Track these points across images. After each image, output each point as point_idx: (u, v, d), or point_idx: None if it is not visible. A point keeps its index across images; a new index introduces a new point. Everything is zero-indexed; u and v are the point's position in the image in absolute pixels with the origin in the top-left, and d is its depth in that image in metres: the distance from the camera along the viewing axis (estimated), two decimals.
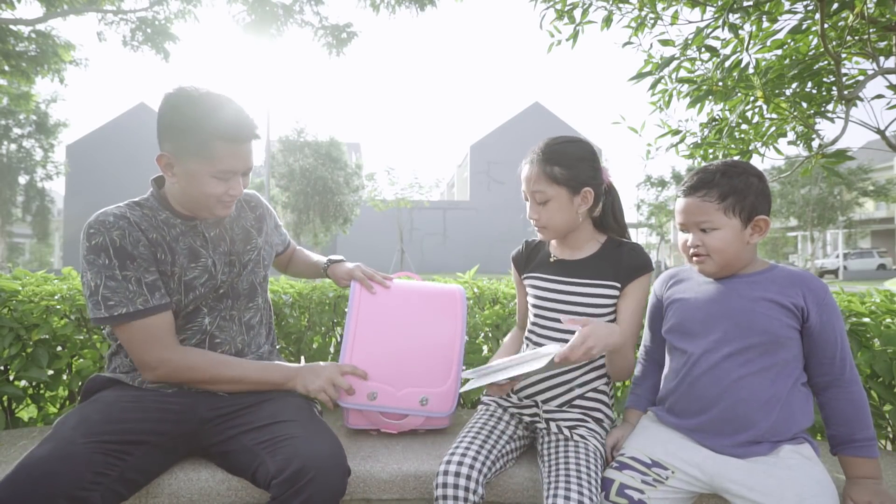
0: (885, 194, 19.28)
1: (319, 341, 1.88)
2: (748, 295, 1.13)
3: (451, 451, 1.17)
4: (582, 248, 1.32)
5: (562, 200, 1.24)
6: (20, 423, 1.72)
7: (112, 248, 1.14)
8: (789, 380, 1.10)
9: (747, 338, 1.11)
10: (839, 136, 2.02)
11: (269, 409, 1.22)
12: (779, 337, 1.09)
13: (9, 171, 19.88)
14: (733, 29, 1.99)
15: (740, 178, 1.12)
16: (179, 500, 1.18)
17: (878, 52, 1.93)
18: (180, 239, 1.24)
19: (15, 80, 7.52)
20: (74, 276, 1.86)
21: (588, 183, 1.25)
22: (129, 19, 7.43)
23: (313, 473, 1.02)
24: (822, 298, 1.09)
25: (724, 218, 1.12)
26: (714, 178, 1.13)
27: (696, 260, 1.16)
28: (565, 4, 2.32)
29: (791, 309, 1.09)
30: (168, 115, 1.15)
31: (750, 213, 1.12)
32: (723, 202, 1.11)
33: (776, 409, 1.09)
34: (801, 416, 1.11)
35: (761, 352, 1.10)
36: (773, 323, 1.09)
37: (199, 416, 1.21)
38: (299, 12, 7.47)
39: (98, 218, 1.17)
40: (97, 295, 1.14)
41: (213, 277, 1.27)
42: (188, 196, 1.21)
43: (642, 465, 1.12)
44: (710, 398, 1.13)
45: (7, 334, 1.59)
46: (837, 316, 1.10)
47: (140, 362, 1.18)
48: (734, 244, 1.12)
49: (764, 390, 1.09)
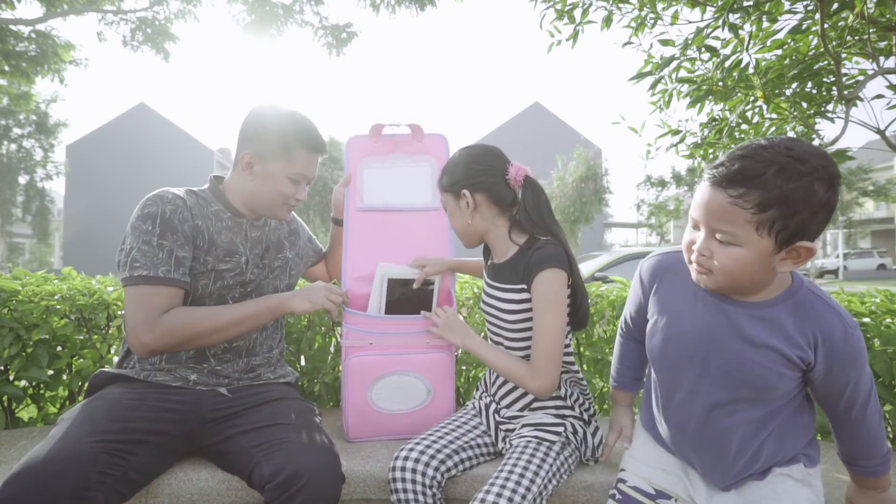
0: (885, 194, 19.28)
1: (319, 341, 1.88)
2: (751, 338, 0.91)
3: (407, 443, 1.22)
4: (504, 252, 1.29)
5: (451, 206, 1.29)
6: (20, 423, 1.72)
7: (160, 218, 1.19)
8: (787, 410, 0.98)
9: (738, 390, 0.95)
10: (839, 136, 2.01)
11: (268, 411, 1.23)
12: (776, 389, 0.94)
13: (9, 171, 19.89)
14: (733, 29, 1.99)
15: (801, 182, 0.77)
16: (179, 500, 1.18)
17: (878, 52, 1.93)
18: (223, 232, 1.29)
19: (15, 80, 7.53)
20: (74, 276, 1.86)
21: (464, 185, 1.24)
22: (129, 19, 7.43)
23: (306, 480, 1.02)
24: (837, 349, 0.89)
25: (754, 235, 0.81)
26: (764, 173, 0.78)
27: (696, 268, 0.91)
28: (565, 4, 2.32)
29: (796, 362, 0.91)
30: (258, 121, 1.29)
31: (791, 237, 0.80)
32: (760, 213, 0.79)
33: (768, 445, 0.98)
34: (798, 437, 1.01)
35: (752, 402, 0.96)
36: (772, 377, 0.92)
37: (201, 416, 1.22)
38: (299, 12, 7.47)
39: (158, 192, 1.23)
40: (129, 256, 1.16)
41: (242, 273, 1.31)
42: (260, 195, 1.30)
43: (647, 498, 1.08)
44: (692, 442, 1.04)
45: (7, 334, 1.59)
46: (855, 364, 0.90)
47: (138, 325, 1.14)
48: (751, 268, 0.84)
49: (754, 437, 0.98)
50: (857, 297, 1.70)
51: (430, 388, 1.41)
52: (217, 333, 1.20)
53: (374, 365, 1.38)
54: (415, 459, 1.16)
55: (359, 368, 1.38)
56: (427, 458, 1.17)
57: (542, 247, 1.18)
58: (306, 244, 1.57)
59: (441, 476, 1.17)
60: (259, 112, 1.30)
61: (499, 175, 1.25)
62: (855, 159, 2.33)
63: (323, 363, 1.82)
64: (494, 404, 1.32)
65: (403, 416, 1.42)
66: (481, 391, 1.40)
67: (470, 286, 1.93)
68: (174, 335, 1.15)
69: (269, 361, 1.38)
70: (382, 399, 1.40)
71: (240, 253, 1.31)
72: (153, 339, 1.14)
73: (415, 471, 1.15)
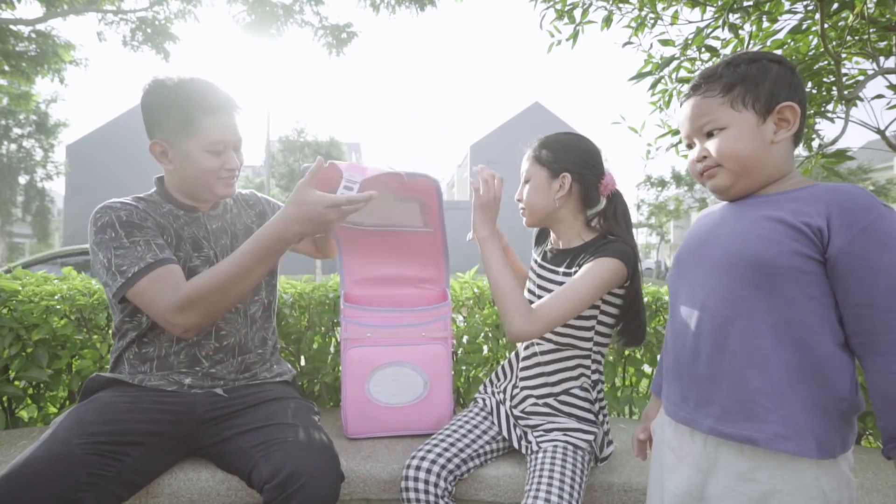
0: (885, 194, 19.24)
1: (319, 341, 1.88)
2: (752, 215, 0.84)
3: (420, 447, 1.21)
4: (570, 241, 1.30)
5: (541, 182, 1.27)
6: (20, 423, 1.72)
7: (118, 223, 1.16)
8: (809, 334, 0.77)
9: (735, 268, 0.82)
10: (839, 136, 2.01)
11: (266, 411, 1.22)
12: (778, 267, 0.78)
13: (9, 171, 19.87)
14: (733, 29, 1.99)
15: (753, 64, 0.86)
16: (179, 500, 1.18)
17: (878, 52, 1.93)
18: (185, 228, 1.26)
19: (15, 80, 7.51)
20: (74, 277, 1.86)
21: (569, 169, 1.25)
22: (129, 19, 7.43)
23: (304, 480, 1.01)
24: (857, 217, 0.74)
25: (732, 112, 0.85)
26: (717, 71, 0.88)
27: (706, 176, 0.90)
28: (565, 4, 2.32)
29: (801, 229, 0.77)
30: (149, 103, 1.19)
31: (768, 102, 0.83)
32: (728, 93, 0.85)
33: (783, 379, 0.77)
34: (833, 399, 0.77)
35: (755, 286, 0.80)
36: (771, 248, 0.78)
37: (197, 417, 1.21)
38: (299, 12, 7.46)
39: (104, 204, 1.20)
40: (111, 268, 1.13)
41: None
42: (187, 179, 1.23)
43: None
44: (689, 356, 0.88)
45: (7, 334, 1.59)
46: (884, 247, 0.72)
47: (165, 311, 1.09)
48: (749, 144, 0.84)
49: (760, 343, 0.79)
50: None
51: (427, 380, 1.43)
52: (245, 281, 1.10)
53: (371, 356, 1.41)
54: (426, 469, 1.16)
55: (357, 360, 1.41)
56: (438, 467, 1.17)
57: (614, 242, 1.19)
58: None
59: (451, 485, 1.18)
60: (150, 93, 1.19)
61: (597, 177, 1.28)
62: (855, 159, 2.32)
63: (323, 363, 1.82)
64: (509, 401, 1.32)
65: (401, 410, 1.43)
66: (491, 389, 1.40)
67: (470, 286, 1.92)
68: (205, 302, 1.09)
69: (264, 358, 1.36)
70: (380, 392, 1.41)
71: (206, 248, 1.27)
72: (183, 317, 1.09)
73: (427, 481, 1.15)
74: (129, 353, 1.25)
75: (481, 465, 1.28)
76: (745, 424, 0.80)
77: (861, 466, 1.36)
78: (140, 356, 1.24)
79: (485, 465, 1.28)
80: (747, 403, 0.80)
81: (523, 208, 1.31)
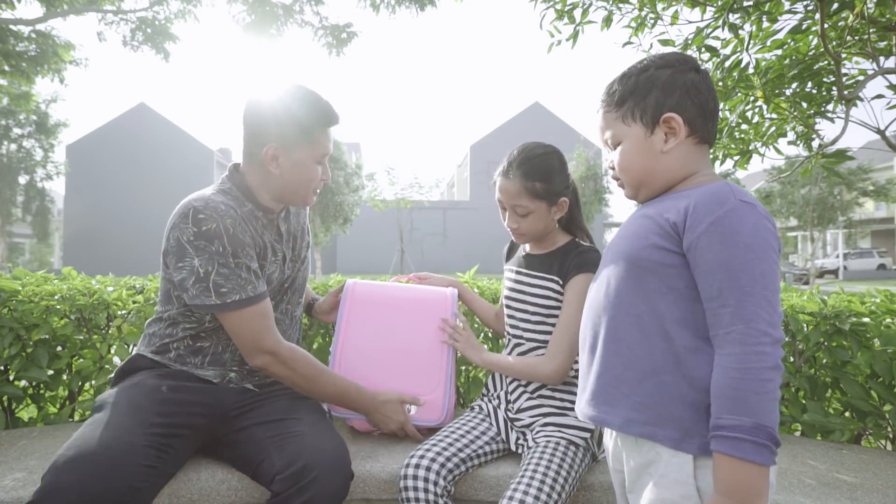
0: (885, 194, 19.24)
1: (320, 341, 1.88)
2: (636, 215, 0.91)
3: (419, 447, 1.22)
4: (544, 247, 1.36)
5: (541, 212, 1.28)
6: (20, 423, 1.72)
7: (226, 236, 1.15)
8: (671, 325, 0.79)
9: (616, 264, 0.87)
10: (839, 136, 2.01)
11: (282, 404, 1.25)
12: (641, 260, 0.83)
13: (9, 171, 19.89)
14: (733, 29, 1.99)
15: (641, 76, 0.88)
16: (179, 500, 1.18)
17: (878, 52, 1.93)
18: (264, 233, 1.28)
19: (15, 80, 7.52)
20: (74, 276, 1.86)
21: (564, 193, 1.29)
22: (129, 19, 7.43)
23: (317, 473, 1.03)
24: (707, 212, 0.76)
25: (625, 127, 0.89)
26: (613, 85, 0.91)
27: (618, 185, 0.96)
28: (565, 4, 2.32)
29: (662, 224, 0.82)
30: (270, 111, 1.23)
31: (654, 114, 0.86)
32: (620, 108, 0.90)
33: (646, 368, 0.80)
34: (694, 390, 0.76)
35: (626, 279, 0.85)
36: (637, 242, 0.84)
37: (223, 411, 1.23)
38: (299, 12, 7.47)
39: (208, 203, 1.16)
40: (207, 282, 1.13)
41: (282, 272, 1.31)
42: (290, 186, 1.26)
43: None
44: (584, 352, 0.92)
45: (7, 334, 1.59)
46: (726, 242, 0.74)
47: (252, 347, 1.17)
48: (639, 157, 0.89)
49: (624, 334, 0.83)
50: (857, 297, 1.70)
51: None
52: (313, 390, 1.26)
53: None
54: (426, 468, 1.16)
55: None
56: (438, 465, 1.18)
57: (586, 252, 1.28)
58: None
59: (451, 484, 1.19)
60: (266, 103, 1.24)
61: (571, 181, 1.33)
62: (855, 159, 2.33)
63: (324, 363, 1.82)
64: (504, 404, 1.35)
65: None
66: (488, 394, 1.42)
67: (470, 286, 1.92)
68: (286, 366, 1.20)
69: None
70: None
71: (279, 250, 1.31)
72: (261, 360, 1.19)
73: (426, 479, 1.15)
74: (181, 343, 1.25)
75: (480, 465, 1.28)
76: (604, 408, 0.85)
77: (861, 466, 1.36)
78: (193, 349, 1.25)
79: (484, 465, 1.29)
80: (608, 389, 0.85)
81: (520, 235, 1.31)
